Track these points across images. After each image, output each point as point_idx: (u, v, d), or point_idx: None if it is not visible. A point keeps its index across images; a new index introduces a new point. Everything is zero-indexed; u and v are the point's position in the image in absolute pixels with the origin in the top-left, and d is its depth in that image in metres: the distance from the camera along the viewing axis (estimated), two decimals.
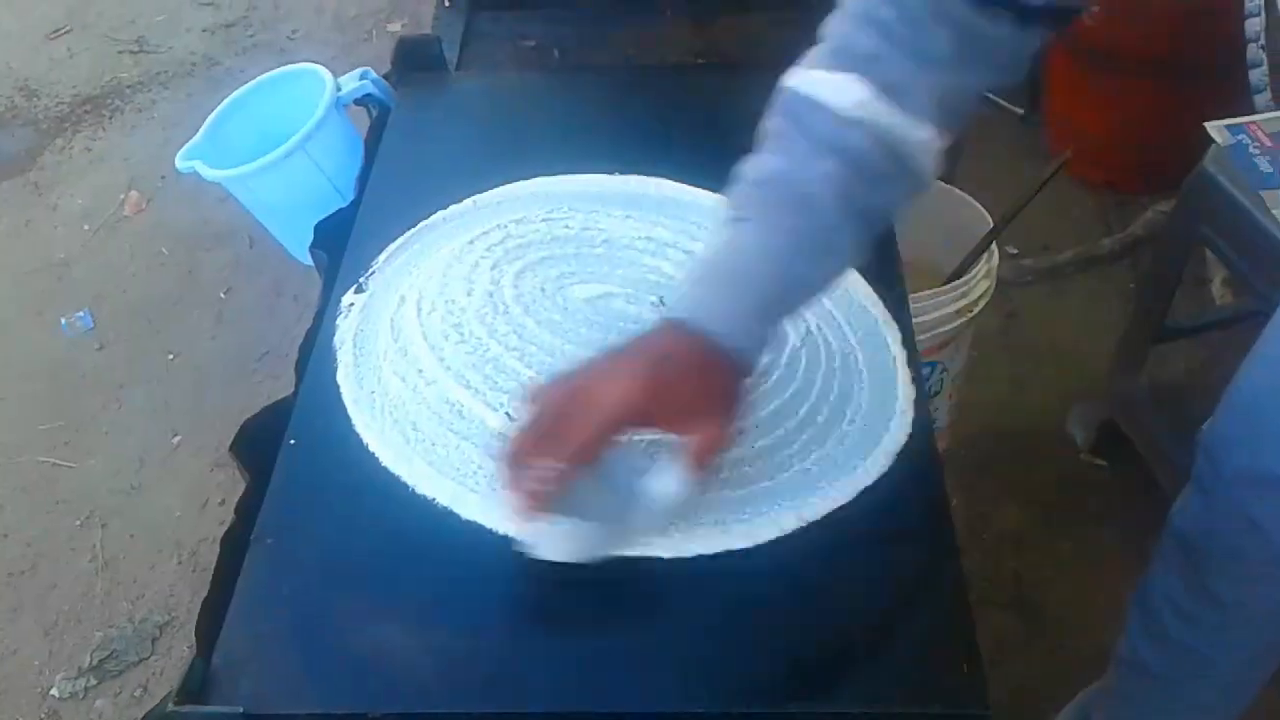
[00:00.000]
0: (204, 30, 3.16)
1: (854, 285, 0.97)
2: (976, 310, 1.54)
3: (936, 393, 1.63)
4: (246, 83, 1.26)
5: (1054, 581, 1.71)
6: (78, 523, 1.98)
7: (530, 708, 0.70)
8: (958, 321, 1.52)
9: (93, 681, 1.77)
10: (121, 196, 2.65)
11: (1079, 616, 1.66)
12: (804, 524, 0.78)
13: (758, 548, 0.77)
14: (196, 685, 0.70)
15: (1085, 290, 2.15)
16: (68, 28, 3.23)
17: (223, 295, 2.38)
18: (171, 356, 2.26)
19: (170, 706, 0.68)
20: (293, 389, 0.91)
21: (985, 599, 1.67)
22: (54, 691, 1.76)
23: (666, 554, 0.76)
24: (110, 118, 2.89)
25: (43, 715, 1.74)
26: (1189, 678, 1.22)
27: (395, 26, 3.06)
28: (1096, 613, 1.62)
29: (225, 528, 0.80)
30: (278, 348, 2.19)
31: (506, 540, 0.77)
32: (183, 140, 1.30)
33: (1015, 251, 2.18)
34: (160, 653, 1.79)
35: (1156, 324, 1.68)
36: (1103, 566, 1.72)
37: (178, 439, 2.09)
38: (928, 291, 1.48)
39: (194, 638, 0.74)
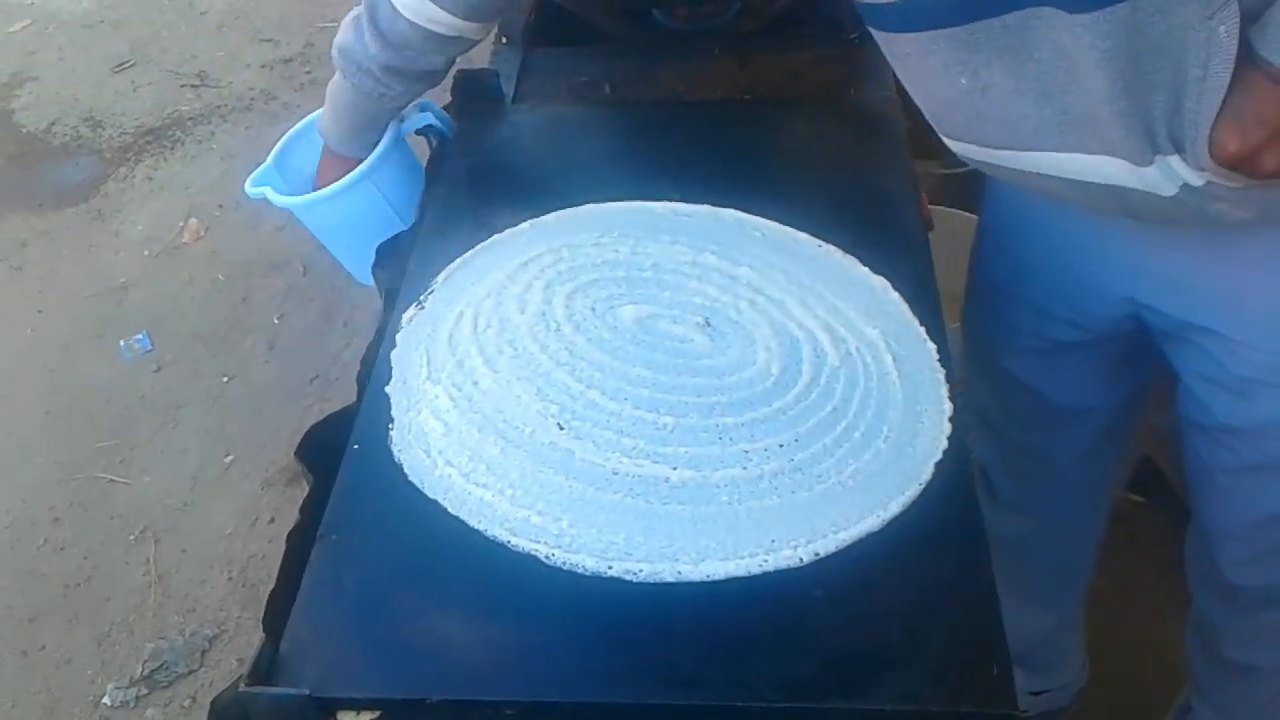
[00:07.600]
0: (263, 66, 3.26)
1: (894, 309, 1.01)
2: None
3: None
4: (303, 116, 1.30)
5: (1090, 616, 1.71)
6: (132, 538, 2.04)
7: (581, 699, 0.73)
8: None
9: (143, 691, 1.82)
10: (181, 224, 2.74)
11: (1115, 651, 1.67)
12: (838, 533, 0.81)
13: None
14: (265, 669, 0.75)
15: None
16: (132, 62, 3.35)
17: (276, 321, 2.45)
18: (226, 379, 2.33)
19: (241, 688, 0.73)
20: (355, 400, 0.96)
21: None
22: (105, 700, 1.81)
23: (721, 576, 0.79)
24: (171, 149, 2.99)
25: None
26: None
27: None
28: (1133, 647, 1.63)
29: (274, 544, 0.85)
30: (328, 372, 2.25)
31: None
32: (241, 171, 1.35)
33: None
34: (209, 665, 1.84)
35: None
36: (1140, 602, 1.73)
37: (230, 459, 2.15)
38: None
39: (261, 629, 0.78)
